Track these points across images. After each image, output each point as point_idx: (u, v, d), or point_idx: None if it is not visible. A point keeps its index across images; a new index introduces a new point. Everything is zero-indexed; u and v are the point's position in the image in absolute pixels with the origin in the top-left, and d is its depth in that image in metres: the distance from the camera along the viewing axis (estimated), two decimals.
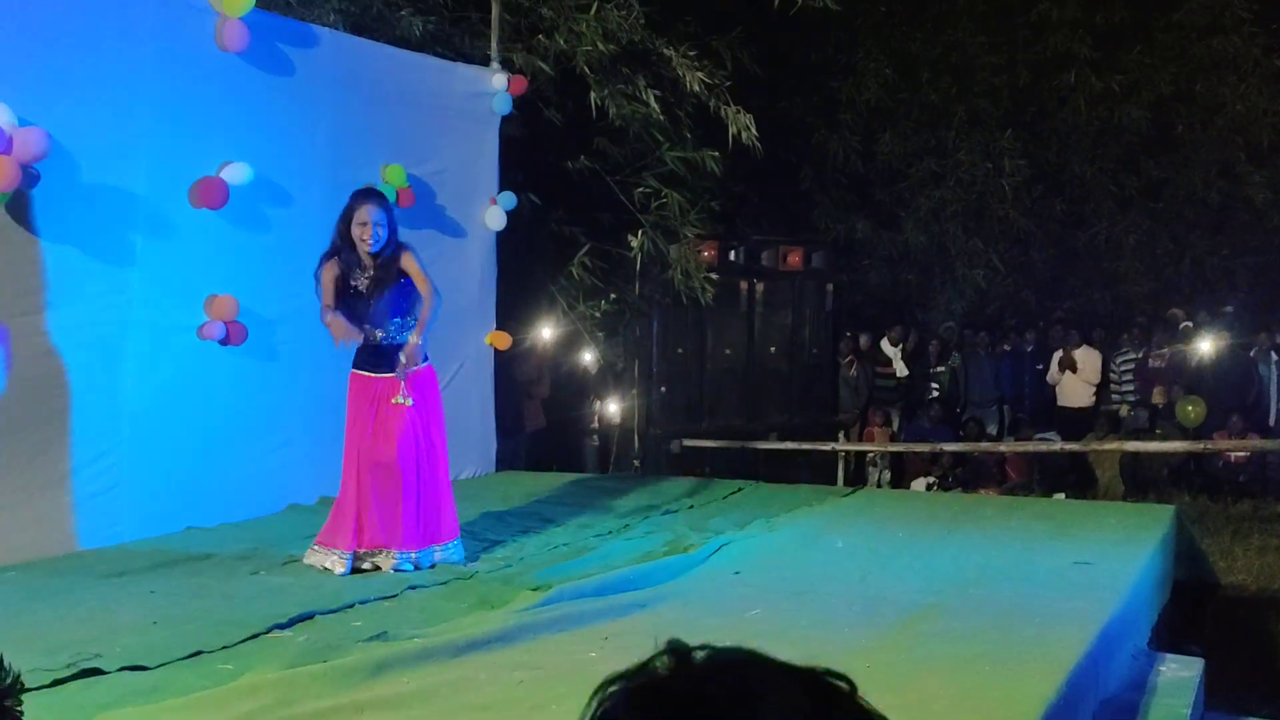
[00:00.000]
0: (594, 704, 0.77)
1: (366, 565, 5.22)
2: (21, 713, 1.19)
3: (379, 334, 5.32)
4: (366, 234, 5.21)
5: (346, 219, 5.24)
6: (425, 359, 5.44)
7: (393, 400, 5.28)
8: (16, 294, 5.30)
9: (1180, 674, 4.70)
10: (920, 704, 3.26)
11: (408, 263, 5.34)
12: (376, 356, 5.33)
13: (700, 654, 0.78)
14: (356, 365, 5.35)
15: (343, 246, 5.24)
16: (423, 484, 5.31)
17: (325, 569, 5.15)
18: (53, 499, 5.46)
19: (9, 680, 1.19)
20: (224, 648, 3.90)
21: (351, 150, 6.90)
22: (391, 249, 5.28)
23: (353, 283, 5.25)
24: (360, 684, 3.48)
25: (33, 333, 5.36)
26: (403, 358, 5.32)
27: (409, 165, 7.27)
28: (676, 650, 0.78)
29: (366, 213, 5.23)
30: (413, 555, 5.23)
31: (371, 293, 5.28)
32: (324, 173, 6.66)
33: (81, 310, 5.54)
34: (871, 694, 0.79)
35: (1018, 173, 13.47)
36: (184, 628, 4.13)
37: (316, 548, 5.24)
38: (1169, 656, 4.94)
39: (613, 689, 0.77)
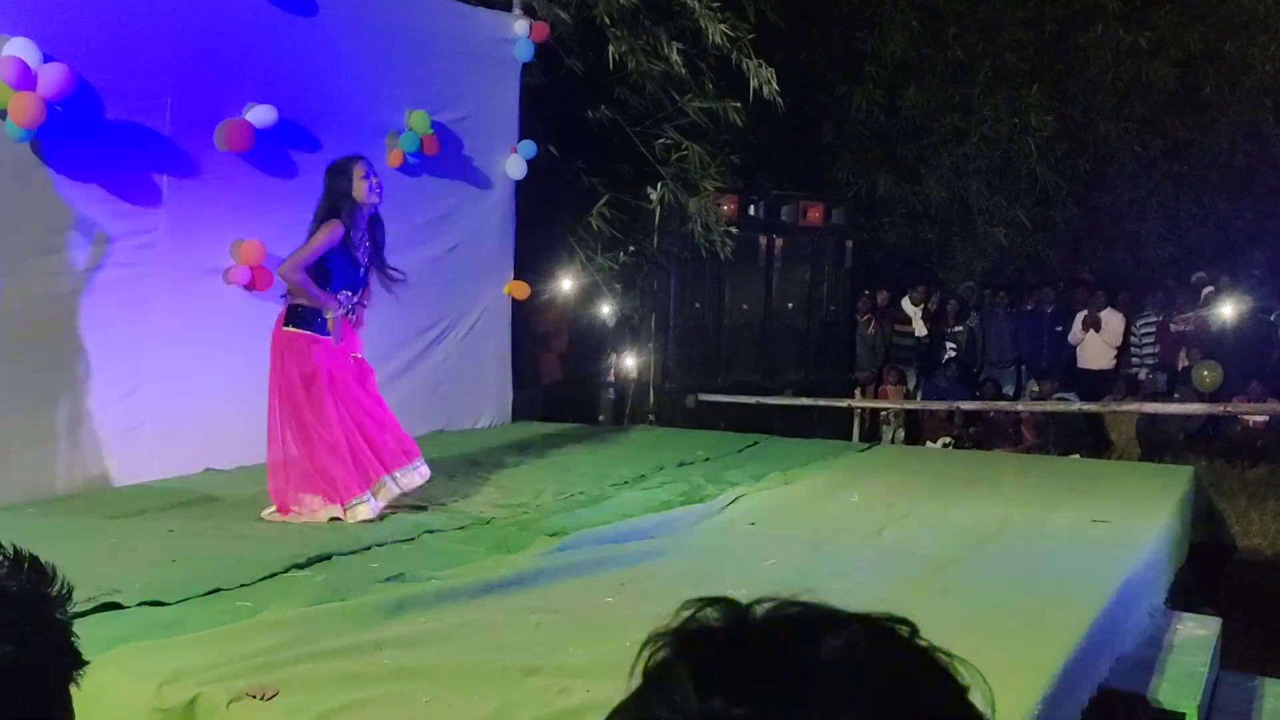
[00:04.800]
0: (644, 657, 0.73)
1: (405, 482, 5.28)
2: (68, 620, 1.18)
3: (352, 302, 5.25)
4: (376, 187, 5.19)
5: (347, 181, 5.16)
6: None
7: (354, 357, 5.31)
8: (41, 232, 5.31)
9: (1197, 633, 4.69)
10: None
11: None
12: (335, 324, 5.24)
13: (759, 608, 0.75)
14: (309, 328, 5.16)
15: (346, 208, 5.14)
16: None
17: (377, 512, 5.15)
18: (75, 438, 5.48)
19: (61, 590, 1.18)
20: (242, 585, 3.92)
21: (375, 94, 6.86)
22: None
23: (354, 252, 5.19)
24: (379, 623, 3.49)
25: (56, 272, 5.36)
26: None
27: (431, 111, 7.23)
28: (725, 602, 0.75)
29: (368, 166, 5.21)
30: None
31: (367, 262, 5.27)
32: (349, 116, 6.63)
33: (106, 251, 5.53)
34: None
35: (1044, 128, 13.31)
36: (203, 566, 4.15)
37: (351, 503, 5.12)
38: (1186, 615, 4.93)
39: (663, 642, 0.73)
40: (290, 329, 5.16)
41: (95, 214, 5.47)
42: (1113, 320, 12.47)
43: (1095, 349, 12.53)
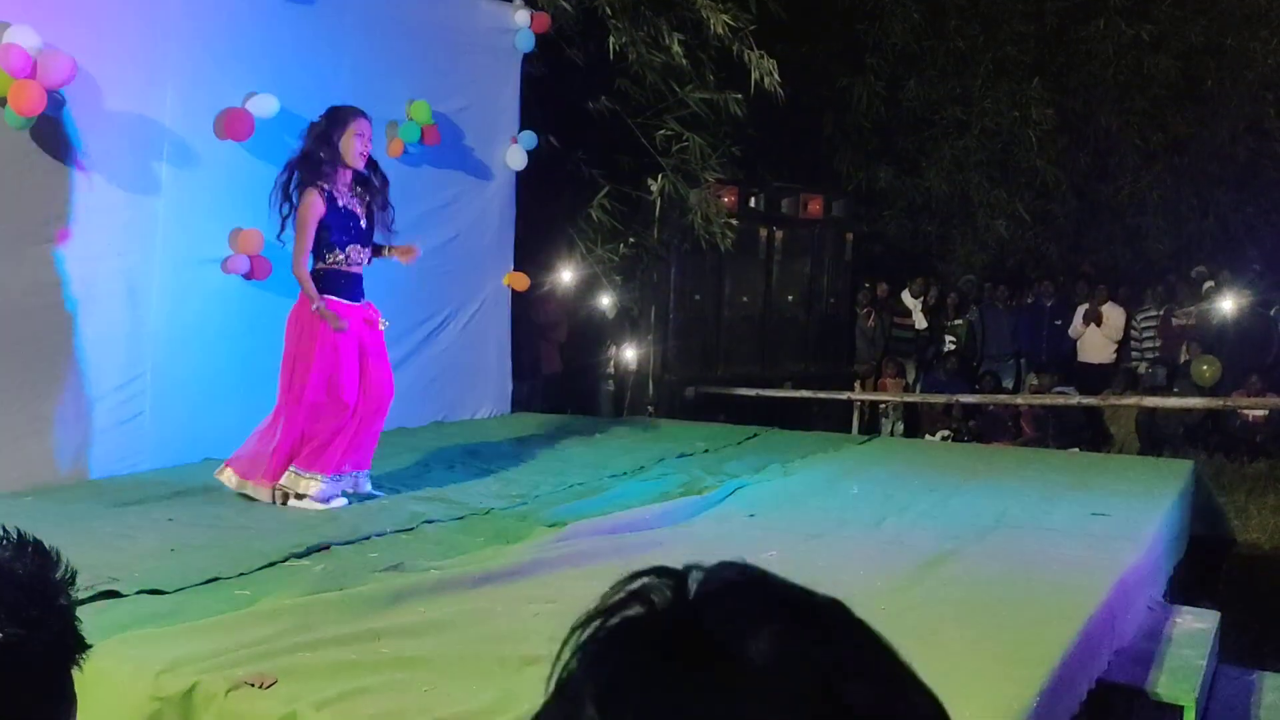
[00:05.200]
0: (562, 659, 0.67)
1: (348, 488, 5.25)
2: (72, 605, 1.18)
3: (364, 258, 5.26)
4: (366, 148, 5.18)
5: (340, 131, 5.11)
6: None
7: (380, 325, 5.32)
8: (41, 221, 5.29)
9: (1196, 626, 4.69)
10: (936, 648, 3.25)
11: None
12: (354, 284, 5.25)
13: (694, 576, 0.69)
14: (335, 293, 5.17)
15: (326, 162, 5.10)
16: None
17: (321, 501, 5.13)
18: (74, 427, 5.47)
19: (65, 575, 1.18)
20: (241, 575, 3.91)
21: (376, 84, 6.83)
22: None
23: (342, 204, 5.16)
24: (377, 613, 3.49)
25: (55, 260, 5.35)
26: (402, 258, 5.44)
27: (432, 101, 7.21)
28: (667, 575, 0.69)
29: (366, 126, 5.18)
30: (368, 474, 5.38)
31: (365, 213, 5.25)
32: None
33: (106, 239, 5.52)
34: (887, 635, 0.76)
35: (1045, 121, 13.30)
36: (201, 555, 4.15)
37: (302, 473, 5.12)
38: (1185, 609, 4.93)
39: (595, 625, 0.67)
40: None
41: (94, 202, 5.46)
42: (1114, 314, 12.48)
43: (1096, 343, 12.53)
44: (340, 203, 5.15)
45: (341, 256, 5.16)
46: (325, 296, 5.13)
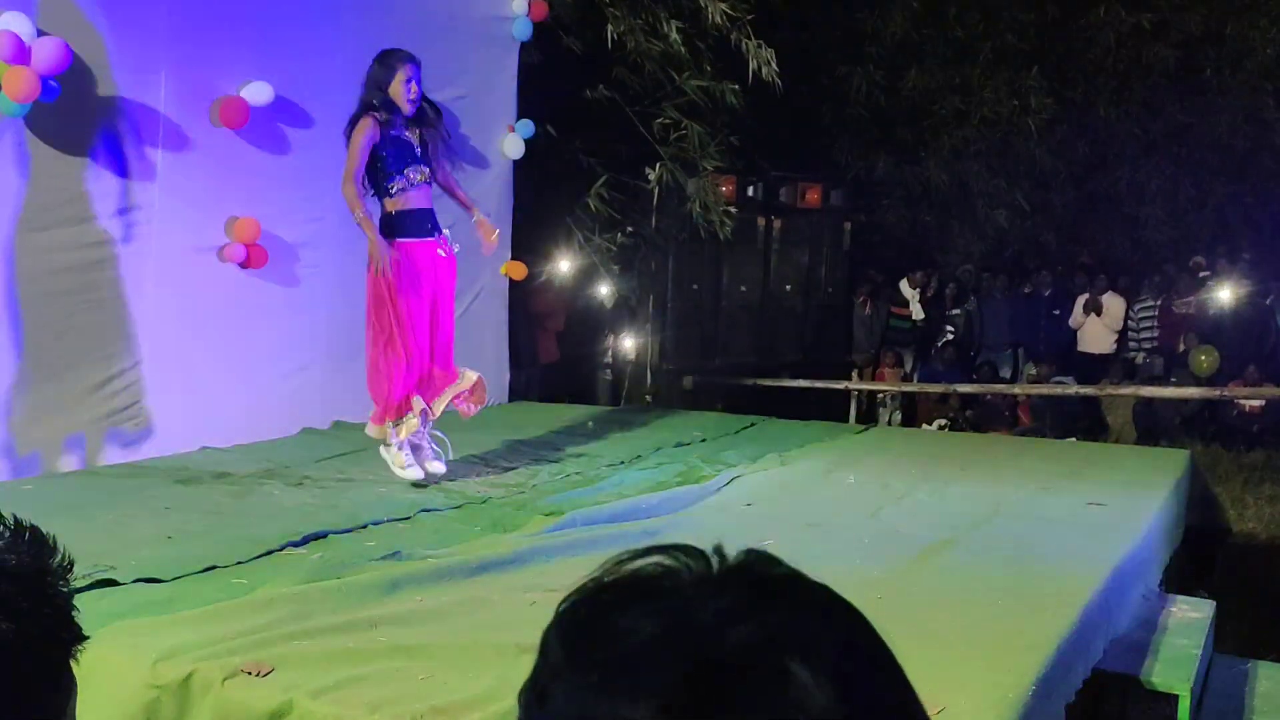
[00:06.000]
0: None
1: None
2: (68, 593, 1.17)
3: (422, 174, 5.27)
4: (414, 93, 5.23)
5: (390, 76, 5.19)
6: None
7: (439, 253, 5.36)
8: (36, 209, 5.28)
9: (1191, 615, 4.70)
10: (932, 636, 3.26)
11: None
12: (421, 219, 5.30)
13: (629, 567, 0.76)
14: (404, 234, 5.25)
15: (381, 106, 5.18)
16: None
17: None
18: (71, 415, 5.47)
19: (62, 562, 1.17)
20: (238, 563, 3.91)
21: None
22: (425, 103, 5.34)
23: (394, 132, 5.22)
24: (374, 601, 3.50)
25: (51, 248, 5.34)
26: (487, 238, 5.58)
27: (429, 90, 7.17)
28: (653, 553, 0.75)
29: (413, 70, 5.25)
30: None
31: (419, 142, 5.31)
32: (345, 94, 6.56)
33: (101, 227, 5.51)
34: (883, 624, 0.77)
35: (1044, 110, 13.28)
36: (198, 543, 4.14)
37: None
38: (1180, 598, 4.94)
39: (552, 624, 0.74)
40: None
41: (89, 191, 5.45)
42: (1114, 304, 12.49)
43: (1096, 333, 12.54)
44: (394, 133, 5.23)
45: (403, 182, 5.22)
46: (396, 240, 5.21)
